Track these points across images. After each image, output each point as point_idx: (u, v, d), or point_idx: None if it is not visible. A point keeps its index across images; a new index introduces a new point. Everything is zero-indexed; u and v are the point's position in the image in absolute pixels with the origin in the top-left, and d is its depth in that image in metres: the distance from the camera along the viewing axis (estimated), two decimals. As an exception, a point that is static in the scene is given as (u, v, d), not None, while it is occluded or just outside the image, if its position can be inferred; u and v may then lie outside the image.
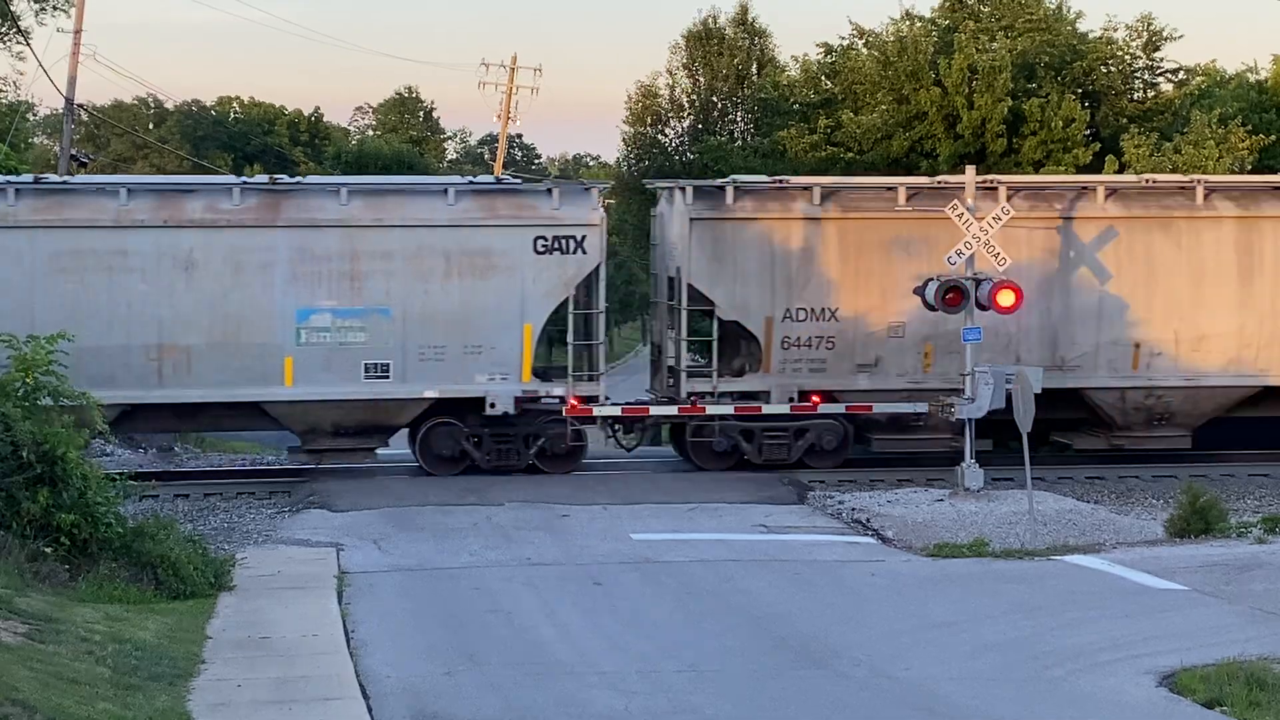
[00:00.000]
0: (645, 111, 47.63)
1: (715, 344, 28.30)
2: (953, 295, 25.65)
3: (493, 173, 62.27)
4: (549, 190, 28.21)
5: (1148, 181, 29.39)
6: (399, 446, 29.71)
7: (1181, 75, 44.04)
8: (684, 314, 28.34)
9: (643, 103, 47.65)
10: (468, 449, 27.82)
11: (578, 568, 20.36)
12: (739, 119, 47.05)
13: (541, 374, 28.28)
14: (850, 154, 40.44)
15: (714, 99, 47.08)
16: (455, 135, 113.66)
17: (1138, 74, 43.00)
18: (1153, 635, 16.62)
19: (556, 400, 27.92)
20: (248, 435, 35.69)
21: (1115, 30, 42.41)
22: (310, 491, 26.31)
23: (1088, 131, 40.12)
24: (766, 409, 28.13)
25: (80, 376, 20.75)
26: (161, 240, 26.84)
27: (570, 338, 28.21)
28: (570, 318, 28.02)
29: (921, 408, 27.83)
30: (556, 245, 27.63)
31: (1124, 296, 28.72)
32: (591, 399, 28.05)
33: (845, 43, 44.03)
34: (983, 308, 25.77)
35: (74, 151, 47.41)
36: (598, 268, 27.97)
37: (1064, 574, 20.32)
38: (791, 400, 28.16)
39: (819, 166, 39.51)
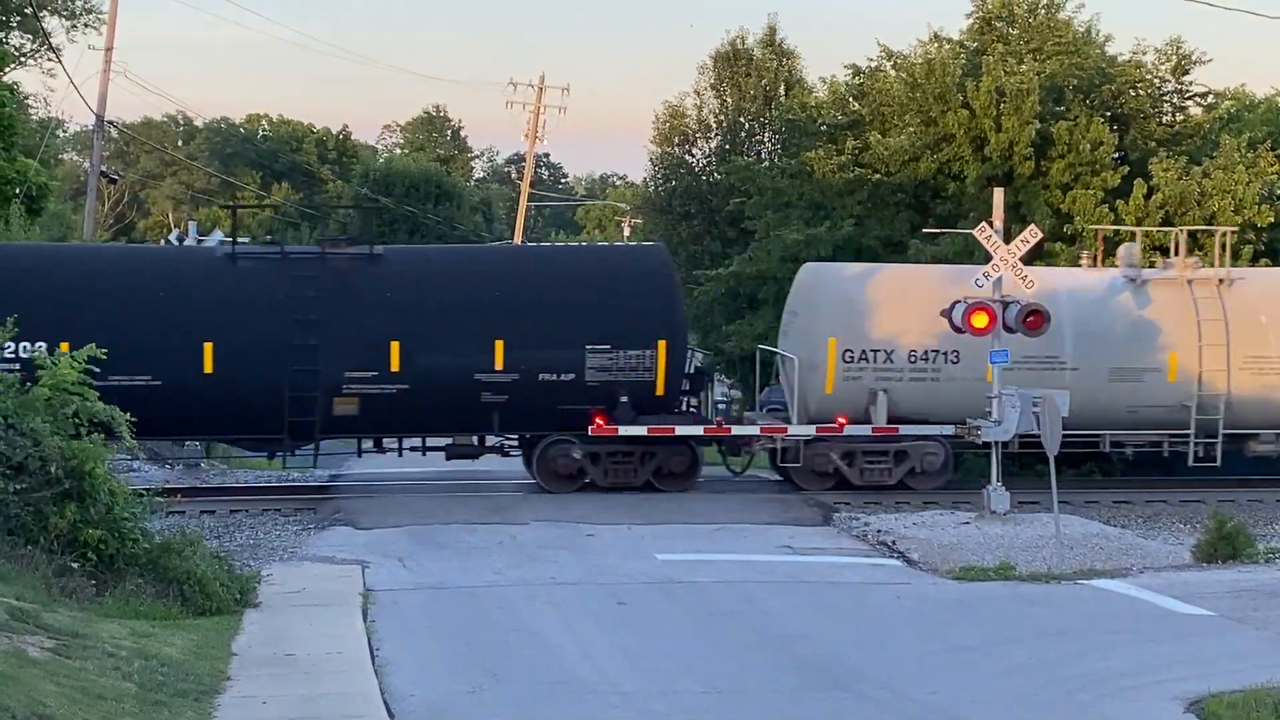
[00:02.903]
0: (673, 132, 47.66)
1: None
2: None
3: (519, 192, 62.49)
4: None
5: None
6: (417, 463, 29.79)
7: (1211, 99, 43.92)
8: None
9: (670, 123, 47.69)
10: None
11: (601, 587, 20.35)
12: (766, 140, 47.07)
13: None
14: (877, 176, 40.41)
15: (741, 120, 47.09)
16: (483, 154, 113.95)
17: (1167, 97, 42.84)
18: (1179, 661, 16.55)
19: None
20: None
21: (1144, 54, 42.25)
22: (335, 509, 26.37)
23: (1116, 155, 39.97)
24: None
25: None
26: None
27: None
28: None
29: None
30: None
31: None
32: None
33: (873, 64, 43.96)
34: (1010, 330, 25.76)
35: (103, 168, 47.71)
36: None
37: (1090, 598, 20.26)
38: None
39: (846, 188, 39.49)
